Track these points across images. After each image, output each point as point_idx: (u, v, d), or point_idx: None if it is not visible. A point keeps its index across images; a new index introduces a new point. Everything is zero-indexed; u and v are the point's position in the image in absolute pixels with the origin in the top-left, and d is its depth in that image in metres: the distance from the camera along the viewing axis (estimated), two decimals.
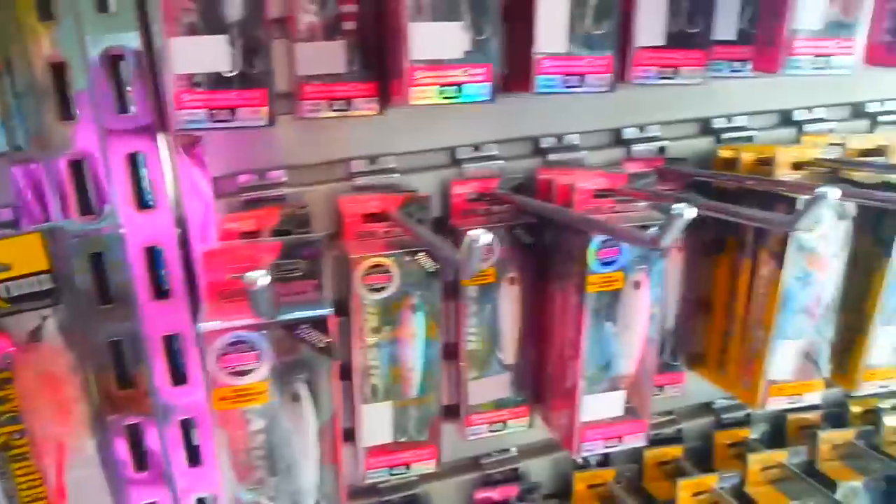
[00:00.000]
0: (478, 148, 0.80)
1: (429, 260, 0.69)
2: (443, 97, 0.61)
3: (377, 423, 0.74)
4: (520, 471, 0.95)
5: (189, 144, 0.67)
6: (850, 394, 0.90)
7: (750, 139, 0.90)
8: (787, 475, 0.98)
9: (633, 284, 0.72)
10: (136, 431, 0.73)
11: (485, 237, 0.47)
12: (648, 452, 0.99)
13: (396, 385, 0.74)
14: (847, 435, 1.04)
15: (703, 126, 0.90)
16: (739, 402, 0.97)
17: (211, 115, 0.60)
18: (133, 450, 0.73)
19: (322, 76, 0.65)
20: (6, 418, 0.64)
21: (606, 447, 0.79)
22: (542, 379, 0.84)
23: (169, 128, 0.63)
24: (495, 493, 0.93)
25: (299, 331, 0.53)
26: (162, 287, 0.70)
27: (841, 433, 1.04)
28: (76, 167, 0.65)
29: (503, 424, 0.84)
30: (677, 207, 0.46)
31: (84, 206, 0.66)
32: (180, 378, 0.72)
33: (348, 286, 0.69)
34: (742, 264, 0.84)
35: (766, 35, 0.67)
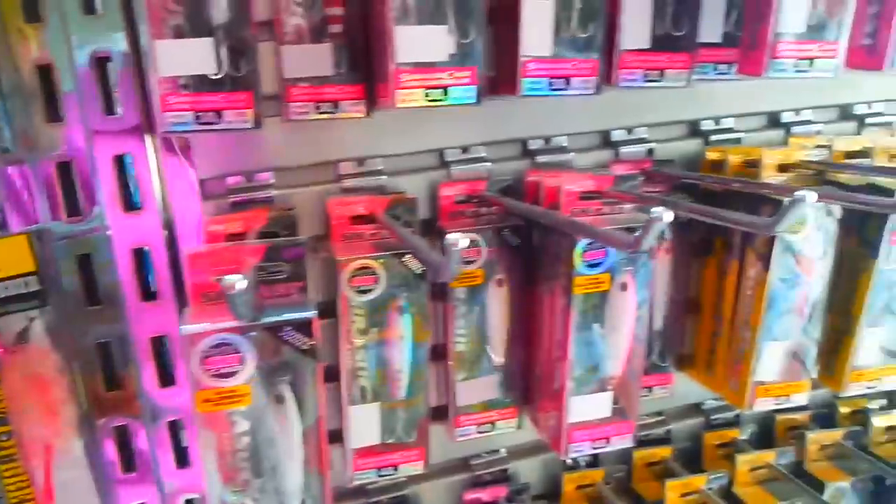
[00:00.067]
0: (466, 150, 0.80)
1: (416, 262, 0.69)
2: (428, 100, 0.61)
3: (365, 425, 0.74)
4: (509, 472, 0.95)
5: (184, 146, 0.67)
6: (838, 395, 0.91)
7: (738, 141, 0.90)
8: (775, 476, 0.98)
9: (620, 286, 0.72)
10: (123, 433, 0.73)
11: (463, 241, 0.47)
12: (637, 453, 0.99)
13: (384, 386, 0.74)
14: (835, 435, 1.05)
15: (692, 128, 0.90)
16: (728, 402, 0.97)
17: (197, 117, 0.60)
18: (121, 451, 0.73)
19: (309, 79, 0.65)
20: None
21: (594, 448, 0.79)
22: (530, 380, 0.84)
23: (155, 129, 0.63)
24: (484, 494, 0.93)
25: (283, 333, 0.53)
26: (150, 288, 0.70)
27: (829, 434, 1.05)
28: (63, 169, 0.65)
29: (492, 425, 0.84)
30: (655, 211, 0.47)
31: (71, 207, 0.66)
32: (168, 379, 0.72)
33: (336, 288, 0.69)
34: (729, 265, 0.84)
35: (750, 38, 0.68)
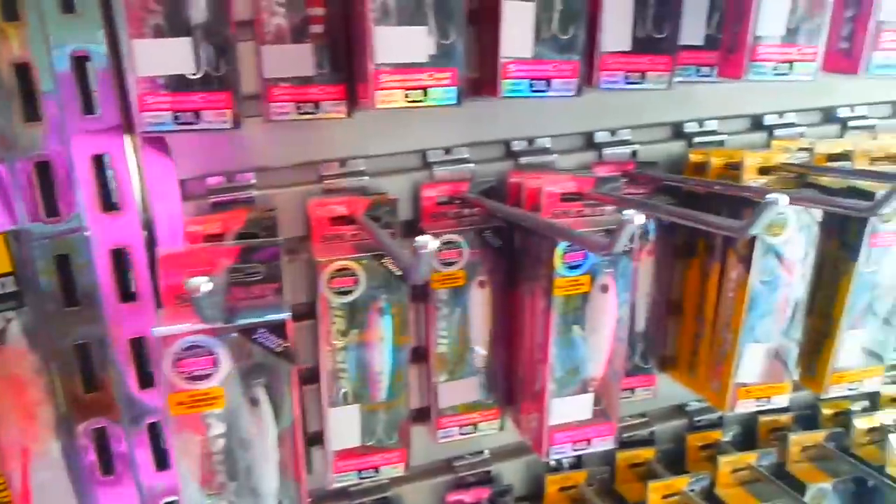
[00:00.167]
0: (449, 151, 0.80)
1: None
2: (408, 101, 0.61)
3: (345, 427, 0.74)
4: (492, 473, 0.95)
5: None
6: (819, 397, 0.91)
7: (721, 143, 0.91)
8: (757, 477, 0.99)
9: (601, 288, 0.72)
10: (102, 435, 0.72)
11: (433, 244, 0.47)
12: (621, 454, 0.99)
13: (365, 388, 0.73)
14: (817, 437, 1.05)
15: (675, 130, 0.90)
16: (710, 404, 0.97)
17: (175, 117, 0.60)
18: (100, 453, 0.73)
19: (290, 79, 0.65)
20: None
21: (575, 450, 0.79)
22: (512, 381, 0.84)
23: (134, 129, 0.62)
24: (467, 496, 0.93)
25: (257, 335, 0.53)
26: (129, 289, 0.70)
27: (811, 435, 1.05)
28: (42, 169, 0.64)
29: (474, 427, 0.84)
30: (626, 214, 0.47)
31: (50, 207, 0.66)
32: (148, 381, 0.71)
33: (315, 289, 0.69)
34: (712, 267, 0.84)
35: (730, 41, 0.68)
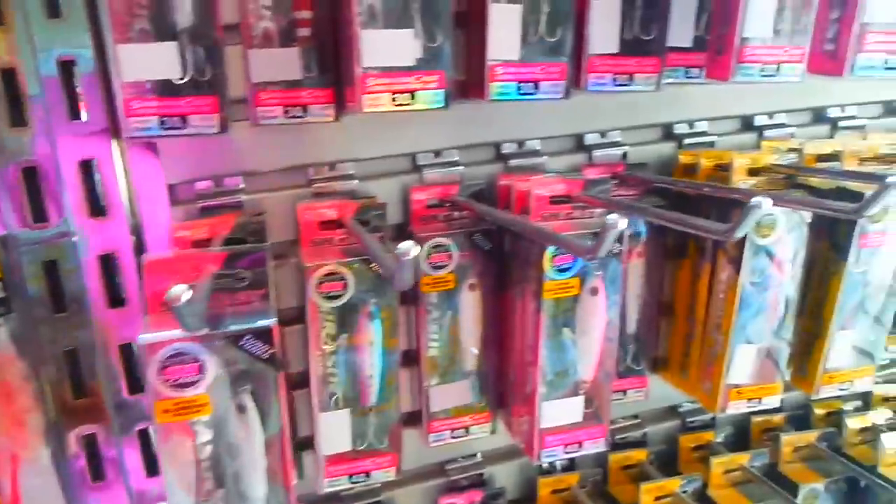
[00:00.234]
0: (438, 154, 0.79)
1: None
2: (396, 104, 0.61)
3: (336, 431, 0.74)
4: (485, 476, 0.95)
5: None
6: (810, 397, 0.91)
7: (711, 144, 0.91)
8: (749, 478, 0.99)
9: (590, 291, 0.72)
10: (92, 441, 0.72)
11: (414, 250, 0.47)
12: (613, 456, 0.99)
13: (355, 393, 0.73)
14: (809, 437, 1.05)
15: (665, 131, 0.90)
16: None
17: (162, 122, 0.60)
18: (90, 459, 0.73)
19: (277, 82, 0.65)
20: None
21: (567, 453, 0.79)
22: (504, 384, 0.84)
23: (120, 135, 0.62)
24: (460, 499, 0.93)
25: (243, 342, 0.53)
26: (118, 295, 0.69)
27: (803, 435, 1.05)
28: (29, 174, 0.64)
29: (465, 430, 0.84)
30: (610, 219, 0.47)
31: (37, 213, 0.65)
32: (137, 387, 0.71)
33: (304, 294, 0.69)
34: (702, 268, 0.84)
35: (717, 43, 0.68)
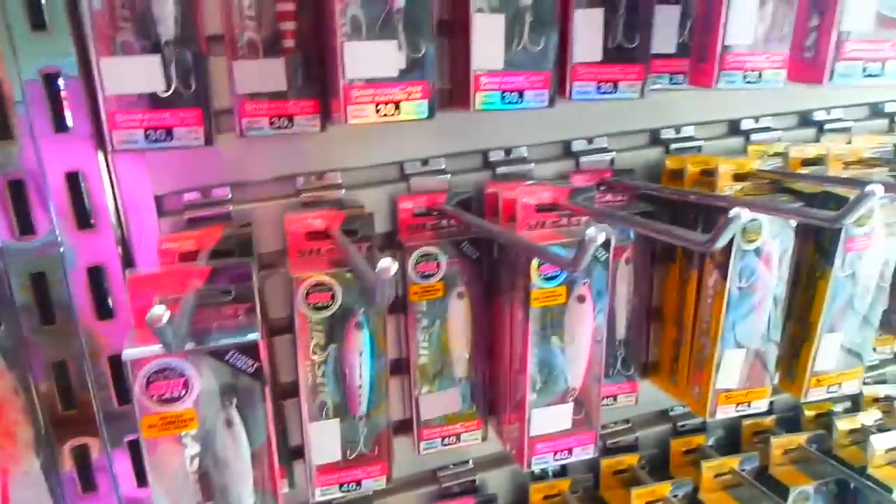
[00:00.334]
0: (426, 162, 0.80)
1: None
2: (380, 115, 0.61)
3: (327, 441, 0.74)
4: (476, 483, 0.95)
5: None
6: (799, 401, 0.91)
7: (698, 149, 0.91)
8: (740, 481, 0.99)
9: (578, 298, 0.72)
10: (82, 452, 0.72)
11: (393, 267, 0.47)
12: (605, 461, 0.99)
13: (345, 402, 0.73)
14: (799, 440, 1.06)
15: (652, 137, 0.91)
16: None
17: (147, 135, 0.60)
18: (80, 470, 0.73)
19: (262, 94, 0.65)
20: None
21: (556, 460, 0.79)
22: (494, 391, 0.84)
23: (105, 147, 0.62)
24: None
25: (229, 356, 0.53)
26: (106, 306, 0.69)
27: (793, 438, 1.06)
28: (15, 186, 0.64)
29: (456, 438, 0.84)
30: (589, 233, 0.47)
31: (24, 225, 0.65)
32: (127, 398, 0.71)
33: (291, 305, 0.69)
34: (690, 274, 0.85)
35: (700, 50, 0.68)
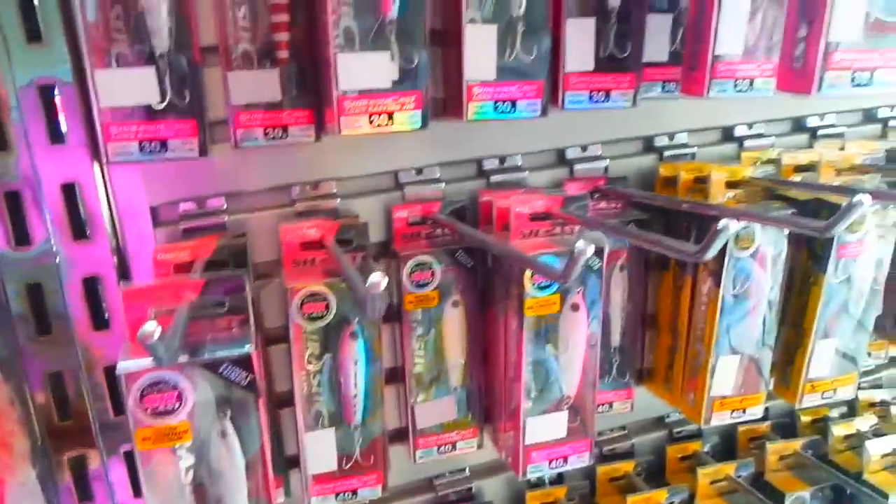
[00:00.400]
0: (421, 171, 0.80)
1: None
2: (374, 126, 0.61)
3: (322, 450, 0.74)
4: (473, 490, 0.95)
5: None
6: (794, 407, 0.92)
7: (692, 156, 0.92)
8: (736, 487, 0.99)
9: (571, 307, 0.72)
10: (79, 462, 0.72)
11: (384, 282, 0.47)
12: (601, 468, 0.99)
13: (340, 411, 0.73)
14: (794, 445, 1.06)
15: (646, 144, 0.91)
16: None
17: (141, 147, 0.60)
18: (76, 480, 0.73)
19: (257, 104, 0.65)
20: None
21: (552, 468, 0.79)
22: (490, 399, 0.84)
23: (101, 158, 0.62)
24: None
25: (222, 369, 0.53)
26: (102, 317, 0.70)
27: (788, 444, 1.06)
28: (11, 197, 0.64)
29: (452, 446, 0.84)
30: (579, 246, 0.47)
31: (20, 235, 0.66)
32: (123, 408, 0.71)
33: (287, 315, 0.69)
34: (684, 280, 0.85)
35: (691, 59, 0.69)
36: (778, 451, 1.05)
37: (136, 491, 0.74)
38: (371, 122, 0.61)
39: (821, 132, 0.99)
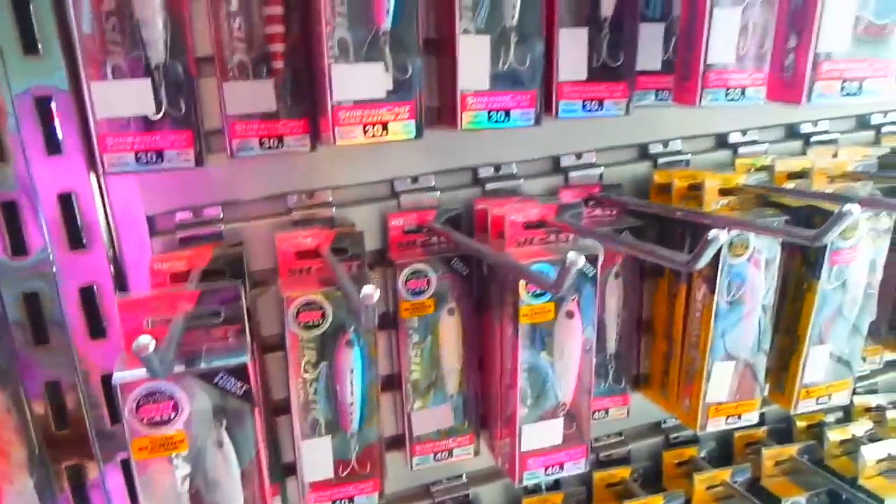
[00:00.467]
0: (416, 180, 0.80)
1: None
2: (368, 137, 0.62)
3: (319, 458, 0.74)
4: (470, 497, 0.95)
5: None
6: (789, 413, 0.92)
7: (687, 163, 0.92)
8: (731, 493, 0.99)
9: (566, 314, 0.73)
10: (76, 471, 0.72)
11: (376, 294, 0.48)
12: (598, 474, 1.00)
13: (336, 419, 0.74)
14: (790, 451, 1.06)
15: (641, 151, 0.92)
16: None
17: (137, 158, 0.60)
18: (74, 488, 0.73)
19: (252, 114, 0.65)
20: None
21: (548, 475, 0.80)
22: (486, 406, 0.84)
23: (97, 168, 0.63)
24: None
25: (218, 379, 0.53)
26: (99, 326, 0.70)
27: (784, 449, 1.06)
28: (8, 207, 0.65)
29: (449, 453, 0.84)
30: (570, 257, 0.48)
31: (17, 245, 0.66)
32: (119, 417, 0.71)
33: (283, 323, 0.69)
34: (678, 287, 0.85)
35: (683, 68, 0.69)
36: (774, 456, 1.05)
37: (133, 500, 0.74)
38: (366, 133, 0.62)
39: (814, 139, 0.99)
